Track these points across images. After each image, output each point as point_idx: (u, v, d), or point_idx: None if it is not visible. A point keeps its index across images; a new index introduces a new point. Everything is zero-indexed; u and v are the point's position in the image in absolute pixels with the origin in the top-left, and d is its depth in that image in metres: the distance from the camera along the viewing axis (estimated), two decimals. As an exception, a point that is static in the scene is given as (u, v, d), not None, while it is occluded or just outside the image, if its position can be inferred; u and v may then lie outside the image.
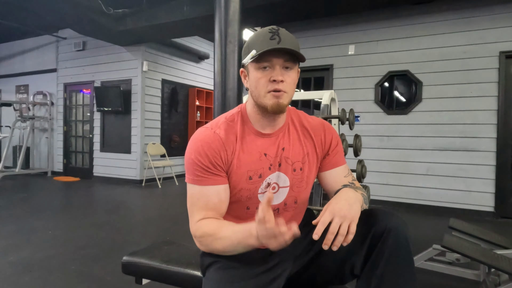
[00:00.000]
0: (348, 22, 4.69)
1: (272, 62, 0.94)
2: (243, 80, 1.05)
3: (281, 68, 0.95)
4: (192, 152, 1.00)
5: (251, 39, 0.99)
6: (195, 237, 1.00)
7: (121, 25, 5.06)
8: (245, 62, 0.99)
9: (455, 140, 4.12)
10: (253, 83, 0.98)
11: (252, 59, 0.94)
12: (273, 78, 0.94)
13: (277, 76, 0.94)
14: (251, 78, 0.99)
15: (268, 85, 0.95)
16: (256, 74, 0.97)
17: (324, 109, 2.54)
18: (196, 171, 0.99)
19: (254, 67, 0.97)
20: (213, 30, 3.01)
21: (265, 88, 0.96)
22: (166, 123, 6.64)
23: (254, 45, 0.95)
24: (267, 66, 0.95)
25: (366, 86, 4.61)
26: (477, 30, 4.03)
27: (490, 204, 3.96)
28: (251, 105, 1.04)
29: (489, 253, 1.90)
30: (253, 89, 0.99)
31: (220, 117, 1.08)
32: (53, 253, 2.62)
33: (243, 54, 1.00)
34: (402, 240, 0.87)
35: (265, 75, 0.95)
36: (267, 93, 0.96)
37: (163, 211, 4.26)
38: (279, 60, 0.94)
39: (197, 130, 1.05)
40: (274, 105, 0.96)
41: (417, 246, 2.75)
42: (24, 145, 6.66)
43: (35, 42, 7.23)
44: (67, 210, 4.25)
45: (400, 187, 4.41)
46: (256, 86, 0.97)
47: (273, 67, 0.95)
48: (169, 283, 1.30)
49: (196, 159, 0.98)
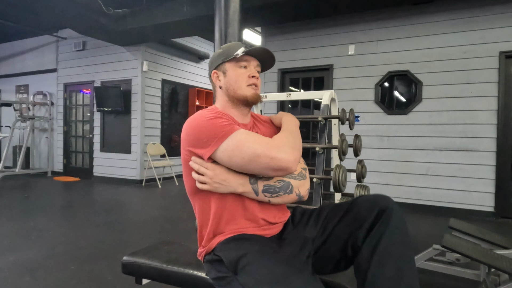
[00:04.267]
0: (348, 22, 4.69)
1: (249, 62, 1.17)
2: (215, 81, 1.20)
3: (254, 68, 1.18)
4: (203, 115, 1.05)
5: (226, 46, 1.19)
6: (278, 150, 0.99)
7: (121, 25, 5.06)
8: (226, 59, 1.16)
9: (455, 140, 4.12)
10: (232, 78, 1.16)
11: (242, 53, 1.12)
12: (252, 74, 1.16)
13: (255, 73, 1.17)
14: (229, 75, 1.17)
15: (248, 80, 1.16)
16: (237, 71, 1.16)
17: (324, 109, 2.54)
18: (222, 122, 1.03)
19: (234, 65, 1.16)
20: (213, 30, 3.01)
21: (245, 82, 1.15)
22: (166, 123, 6.64)
23: (232, 49, 1.15)
24: (245, 65, 1.16)
25: (366, 86, 4.61)
26: (477, 30, 4.02)
27: (490, 204, 3.95)
28: (224, 101, 1.19)
29: (489, 253, 1.90)
30: (232, 84, 1.16)
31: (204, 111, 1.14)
32: (53, 253, 2.62)
33: (218, 58, 1.18)
34: (401, 218, 1.00)
35: (244, 72, 1.16)
36: (246, 86, 1.15)
37: (163, 211, 4.26)
38: (255, 62, 1.18)
39: (198, 113, 1.09)
40: (254, 95, 1.16)
41: (417, 246, 2.75)
42: (24, 145, 6.66)
43: (35, 42, 7.23)
44: (67, 210, 4.25)
45: (400, 187, 4.41)
46: (236, 80, 1.15)
47: (249, 67, 1.17)
48: (169, 283, 1.30)
49: (212, 116, 1.04)
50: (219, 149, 1.01)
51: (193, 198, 1.16)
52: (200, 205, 1.13)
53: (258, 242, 1.02)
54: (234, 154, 0.99)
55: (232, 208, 1.08)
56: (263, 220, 1.10)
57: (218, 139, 1.00)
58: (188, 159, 1.09)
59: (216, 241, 1.08)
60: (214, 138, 1.00)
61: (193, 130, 1.05)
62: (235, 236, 1.06)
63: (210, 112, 1.07)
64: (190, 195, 1.16)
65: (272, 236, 1.12)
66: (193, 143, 1.05)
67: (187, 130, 1.07)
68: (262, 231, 1.10)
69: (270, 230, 1.12)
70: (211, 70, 1.21)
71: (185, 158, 1.10)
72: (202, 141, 1.02)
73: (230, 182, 1.04)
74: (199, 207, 1.13)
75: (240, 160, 0.99)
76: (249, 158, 0.98)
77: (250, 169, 1.02)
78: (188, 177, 1.12)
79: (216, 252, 1.06)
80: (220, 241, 1.07)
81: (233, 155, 1.00)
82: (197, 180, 1.06)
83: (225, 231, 1.09)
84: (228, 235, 1.07)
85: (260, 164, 0.98)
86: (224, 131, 1.00)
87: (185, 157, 1.10)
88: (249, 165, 1.00)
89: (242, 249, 0.98)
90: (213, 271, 1.07)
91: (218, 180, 1.03)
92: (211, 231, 1.10)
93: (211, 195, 1.08)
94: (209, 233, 1.10)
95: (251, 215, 1.09)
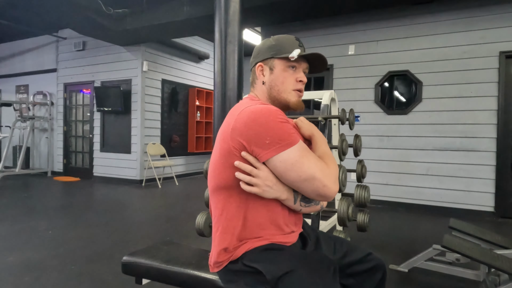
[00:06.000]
0: (348, 22, 4.69)
1: (300, 64, 1.09)
2: (259, 74, 1.12)
3: (302, 71, 1.11)
4: (275, 115, 0.96)
5: (280, 40, 1.10)
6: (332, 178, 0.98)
7: (121, 25, 5.06)
8: (276, 55, 1.08)
9: (455, 140, 4.12)
10: (279, 79, 1.09)
11: (297, 55, 1.05)
12: (300, 79, 1.09)
13: (303, 78, 1.10)
14: (276, 73, 1.09)
15: (295, 84, 1.09)
16: (285, 72, 1.08)
17: (324, 109, 2.54)
18: (291, 129, 0.97)
19: (283, 64, 1.08)
20: (213, 30, 3.01)
21: (291, 86, 1.09)
22: (166, 123, 6.64)
23: (286, 45, 1.08)
24: (295, 66, 1.08)
25: (366, 86, 4.61)
26: (477, 30, 4.02)
27: (490, 204, 3.95)
28: (265, 98, 1.12)
29: (489, 253, 1.90)
30: (278, 84, 1.09)
31: (252, 101, 1.07)
32: (53, 253, 2.62)
33: (268, 51, 1.10)
34: (385, 276, 1.14)
35: (292, 74, 1.09)
36: (292, 91, 1.09)
37: (163, 211, 4.26)
38: (305, 65, 1.10)
39: (265, 108, 0.98)
40: (297, 102, 1.10)
41: (417, 246, 2.76)
42: (24, 145, 6.66)
43: (35, 42, 7.23)
44: (67, 210, 4.25)
45: (400, 187, 4.41)
46: (283, 82, 1.08)
47: (298, 69, 1.09)
48: (169, 283, 1.30)
49: (284, 119, 0.97)
50: (278, 157, 0.93)
51: (219, 195, 1.04)
52: (228, 204, 1.02)
53: (298, 257, 0.98)
54: (293, 169, 0.93)
55: (262, 212, 1.01)
56: (287, 226, 1.06)
57: (281, 146, 0.93)
58: (233, 150, 0.97)
59: (243, 249, 1.00)
60: (278, 143, 0.93)
61: (257, 125, 0.94)
62: (267, 246, 1.00)
63: (280, 113, 0.98)
64: (217, 191, 1.04)
65: (293, 245, 1.09)
66: (252, 139, 0.94)
67: (247, 123, 0.94)
68: (285, 238, 1.05)
69: (291, 238, 1.08)
70: (256, 61, 1.12)
71: (229, 148, 0.98)
72: (264, 142, 0.93)
73: (279, 187, 0.98)
74: (225, 205, 1.02)
75: (296, 177, 0.94)
76: (305, 178, 0.94)
77: (299, 187, 0.97)
78: (226, 170, 1.00)
79: (246, 262, 0.99)
80: (249, 249, 1.00)
81: (291, 169, 0.93)
82: (247, 181, 0.96)
83: (252, 237, 1.01)
84: (256, 243, 1.00)
85: (312, 187, 0.94)
86: (290, 140, 0.94)
87: (230, 148, 0.97)
88: (301, 183, 0.95)
89: (284, 263, 0.93)
90: (240, 283, 1.00)
91: (269, 183, 0.96)
92: (236, 236, 1.01)
93: (244, 195, 0.99)
94: (233, 238, 1.01)
95: (279, 220, 1.03)
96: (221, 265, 1.03)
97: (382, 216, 3.97)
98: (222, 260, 1.02)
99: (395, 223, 3.74)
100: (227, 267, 1.02)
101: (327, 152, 1.07)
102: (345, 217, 2.07)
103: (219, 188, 1.03)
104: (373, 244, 2.92)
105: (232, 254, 1.01)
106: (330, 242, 1.17)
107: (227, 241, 1.01)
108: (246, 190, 0.96)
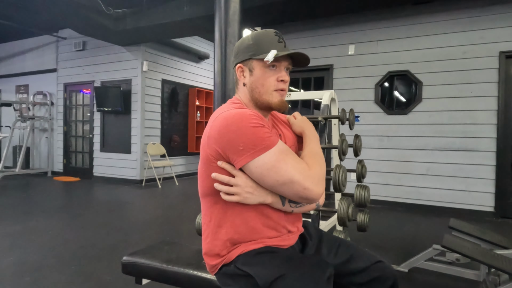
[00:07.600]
0: (348, 22, 4.69)
1: (280, 63, 1.02)
2: (239, 76, 1.07)
3: (284, 69, 1.04)
4: (247, 120, 0.92)
5: (257, 38, 1.04)
6: (313, 178, 0.93)
7: (121, 25, 5.06)
8: (254, 56, 1.02)
9: (455, 140, 4.12)
10: (259, 81, 1.03)
11: (273, 58, 0.98)
12: (281, 78, 1.03)
13: (285, 77, 1.03)
14: (256, 75, 1.03)
15: (276, 84, 1.03)
16: (265, 73, 1.02)
17: (324, 109, 2.54)
18: (265, 133, 0.92)
19: (262, 65, 1.02)
20: (213, 30, 3.01)
21: (273, 87, 1.03)
22: (166, 123, 6.64)
23: (264, 45, 1.01)
24: (275, 65, 1.02)
25: (366, 86, 4.61)
26: (477, 30, 4.02)
27: (490, 204, 3.95)
28: (247, 100, 1.07)
29: (489, 253, 1.90)
30: (258, 86, 1.03)
31: (230, 106, 1.04)
32: (53, 253, 2.62)
33: (245, 51, 1.04)
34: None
35: (273, 74, 1.02)
36: (273, 91, 1.03)
37: (163, 211, 4.26)
38: (286, 62, 1.04)
39: (238, 113, 0.94)
40: (280, 102, 1.04)
41: (417, 246, 2.76)
42: (24, 145, 6.66)
43: (35, 42, 7.23)
44: (67, 210, 4.24)
45: (400, 187, 4.41)
46: (263, 84, 1.03)
47: (279, 67, 1.03)
48: (169, 283, 1.30)
49: (257, 123, 0.92)
50: (253, 163, 0.90)
51: (206, 202, 1.04)
52: (215, 210, 1.01)
53: (292, 261, 0.95)
54: (269, 174, 0.90)
55: (253, 215, 0.99)
56: (284, 228, 1.04)
57: (255, 151, 0.90)
58: (211, 158, 0.96)
59: (236, 252, 0.99)
60: (251, 149, 0.90)
61: (229, 132, 0.91)
62: (260, 249, 0.98)
63: (253, 117, 0.93)
64: (203, 198, 1.04)
65: (291, 248, 1.07)
66: (226, 146, 0.92)
67: (220, 130, 0.92)
68: (281, 241, 1.03)
69: (288, 241, 1.06)
70: (236, 61, 1.08)
71: (207, 156, 0.97)
72: (237, 148, 0.90)
73: (260, 192, 0.95)
74: (212, 212, 1.02)
75: (273, 182, 0.91)
76: (283, 182, 0.90)
77: (278, 191, 0.95)
78: (207, 178, 0.99)
79: (238, 265, 0.97)
80: (242, 252, 0.98)
81: (267, 175, 0.91)
82: (224, 191, 0.95)
83: (244, 241, 0.99)
84: (250, 246, 0.99)
85: (292, 190, 0.91)
86: (265, 144, 0.90)
87: (208, 156, 0.96)
88: (280, 188, 0.92)
89: (276, 268, 0.91)
90: (235, 286, 0.99)
91: (249, 189, 0.94)
92: (228, 239, 1.00)
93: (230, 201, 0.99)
94: (225, 242, 1.00)
95: (273, 222, 1.02)
96: (216, 268, 1.04)
97: (382, 216, 3.97)
98: (216, 263, 1.03)
99: (395, 223, 3.74)
100: (222, 270, 1.02)
101: (314, 151, 1.04)
102: (345, 217, 2.07)
103: (205, 195, 1.03)
104: (373, 244, 2.92)
105: (224, 258, 1.01)
106: (334, 245, 1.12)
107: (218, 247, 1.01)
108: (227, 200, 0.95)
